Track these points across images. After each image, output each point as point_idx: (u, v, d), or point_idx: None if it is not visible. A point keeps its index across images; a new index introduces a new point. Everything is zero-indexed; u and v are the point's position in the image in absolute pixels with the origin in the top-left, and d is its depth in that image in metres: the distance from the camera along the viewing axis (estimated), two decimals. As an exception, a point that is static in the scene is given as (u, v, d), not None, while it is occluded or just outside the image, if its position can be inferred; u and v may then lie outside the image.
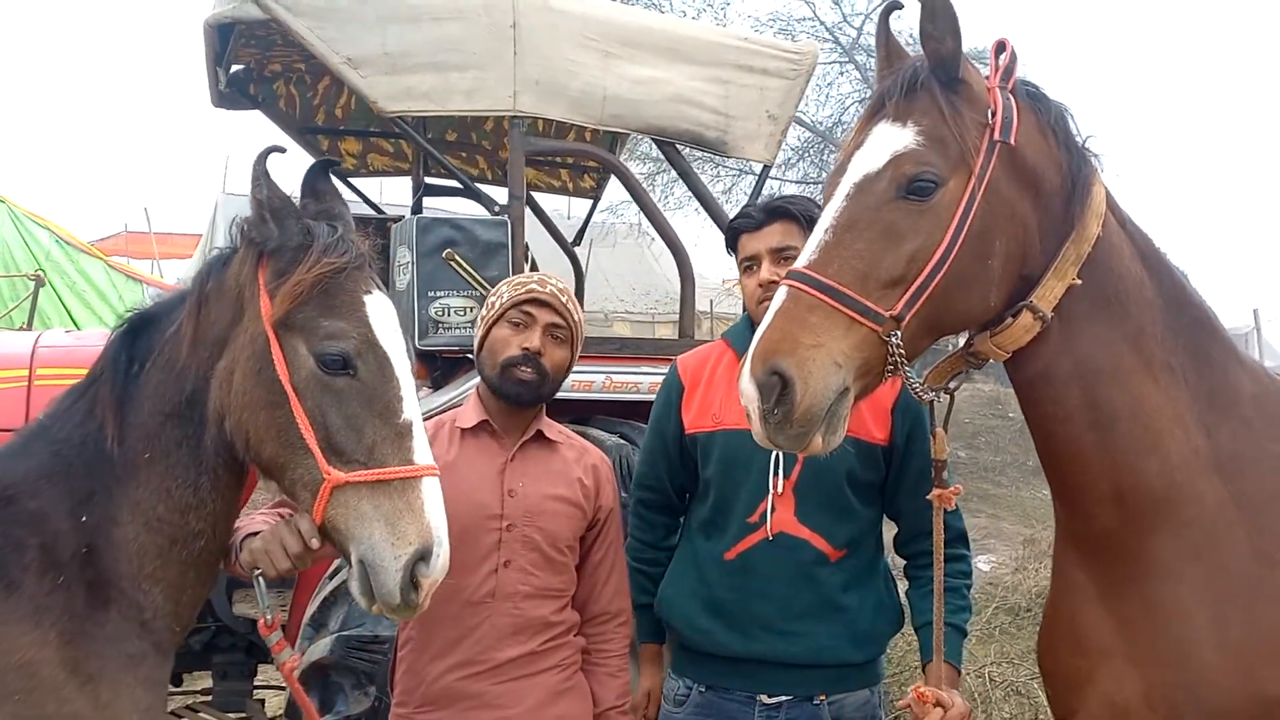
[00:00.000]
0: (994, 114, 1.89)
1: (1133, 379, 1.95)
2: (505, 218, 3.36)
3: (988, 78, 1.95)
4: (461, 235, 3.29)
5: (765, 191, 4.02)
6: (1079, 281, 1.92)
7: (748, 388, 1.80)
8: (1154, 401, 1.95)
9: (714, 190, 17.59)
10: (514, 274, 3.33)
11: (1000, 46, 1.95)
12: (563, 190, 5.42)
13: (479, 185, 4.80)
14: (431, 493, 1.85)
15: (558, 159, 5.11)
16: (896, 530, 2.55)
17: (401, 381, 1.90)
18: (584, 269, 5.42)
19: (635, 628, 2.58)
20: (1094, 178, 1.97)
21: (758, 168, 4.01)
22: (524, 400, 2.38)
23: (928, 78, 1.90)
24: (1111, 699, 2.03)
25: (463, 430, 2.41)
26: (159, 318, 1.96)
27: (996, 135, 1.87)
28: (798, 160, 18.23)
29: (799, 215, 2.40)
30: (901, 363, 1.82)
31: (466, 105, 3.35)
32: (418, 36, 3.27)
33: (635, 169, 16.75)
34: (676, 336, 3.89)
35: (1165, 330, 1.99)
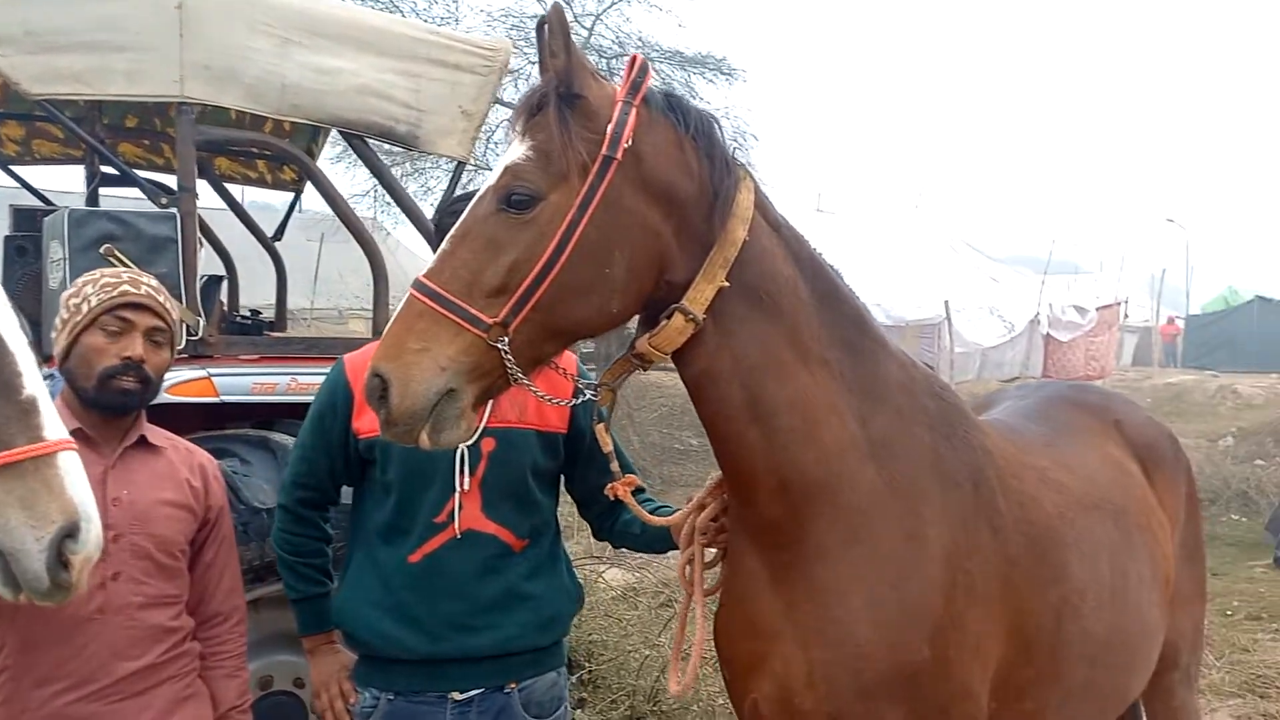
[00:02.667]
0: (609, 127, 1.94)
1: (790, 373, 2.06)
2: (174, 211, 3.16)
3: (620, 88, 1.99)
4: (123, 229, 3.06)
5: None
6: (728, 284, 2.00)
7: (365, 388, 1.89)
8: (811, 394, 2.06)
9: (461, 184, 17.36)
10: (185, 271, 3.14)
11: (632, 62, 2.02)
12: (260, 182, 5.17)
13: (164, 175, 4.51)
14: (70, 467, 1.75)
15: (254, 149, 4.87)
16: (584, 505, 2.66)
17: (18, 357, 1.77)
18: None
19: (299, 621, 2.53)
20: (738, 185, 2.05)
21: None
22: (127, 410, 2.29)
23: (551, 94, 1.95)
24: (781, 680, 2.14)
25: None
26: None
27: (604, 150, 1.92)
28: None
29: None
30: (513, 367, 1.90)
31: (127, 89, 3.12)
32: (69, 14, 3.02)
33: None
34: (370, 335, 3.79)
35: (820, 326, 2.10)
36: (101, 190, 4.38)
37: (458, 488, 2.35)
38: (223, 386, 3.03)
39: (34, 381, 1.78)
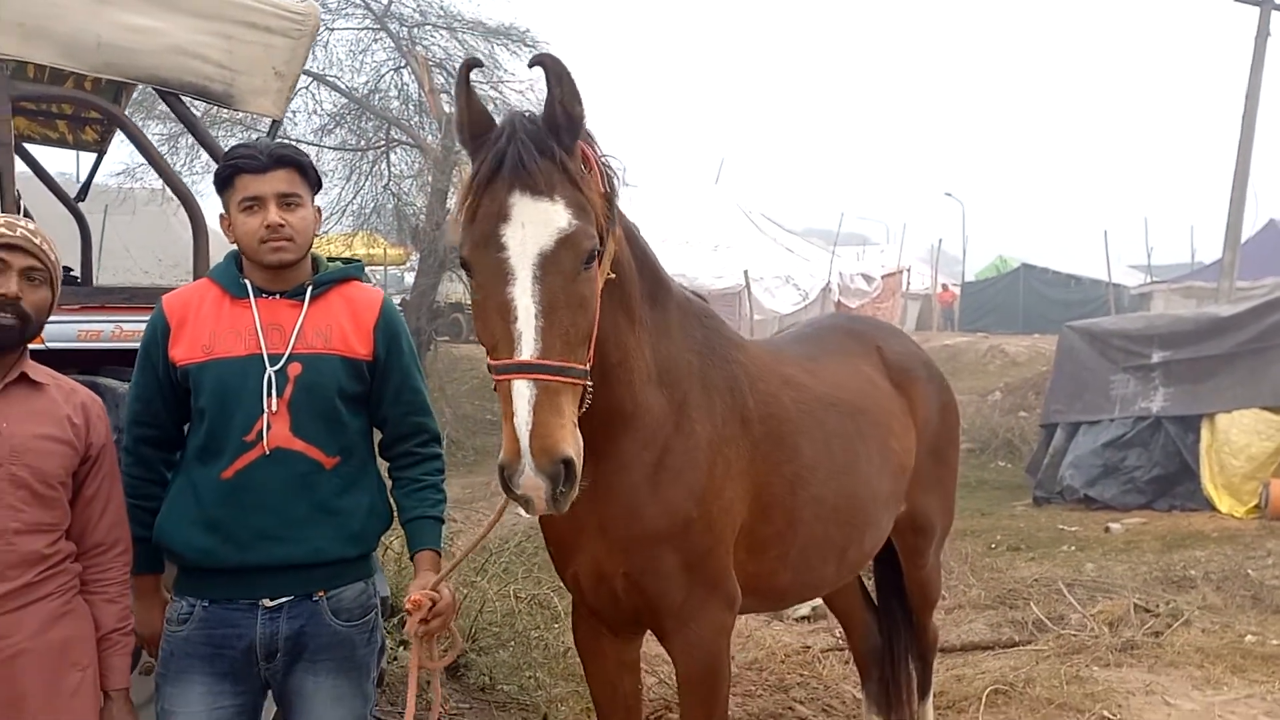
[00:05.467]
0: (594, 170, 2.20)
1: (623, 337, 2.50)
2: (-12, 167, 3.21)
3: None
4: (-65, 183, 3.10)
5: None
6: (614, 276, 2.36)
7: (535, 481, 2.06)
8: (633, 348, 2.53)
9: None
10: (3, 224, 3.19)
11: None
12: (61, 143, 5.10)
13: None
14: None
15: (53, 108, 4.82)
16: (381, 436, 2.79)
17: None
18: (100, 236, 5.17)
19: (133, 560, 2.63)
20: (616, 189, 2.39)
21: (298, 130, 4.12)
22: (6, 346, 2.39)
23: (553, 146, 2.13)
24: (591, 555, 2.69)
25: None
26: None
27: (603, 189, 2.21)
28: (335, 127, 17.96)
29: (306, 166, 2.59)
30: (589, 395, 2.18)
31: (-63, 44, 3.14)
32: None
33: (156, 129, 15.55)
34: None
35: (638, 288, 2.55)
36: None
37: (265, 409, 2.48)
38: (49, 334, 3.11)
39: None
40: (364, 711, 2.67)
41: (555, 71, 2.10)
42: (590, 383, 2.18)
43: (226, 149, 2.72)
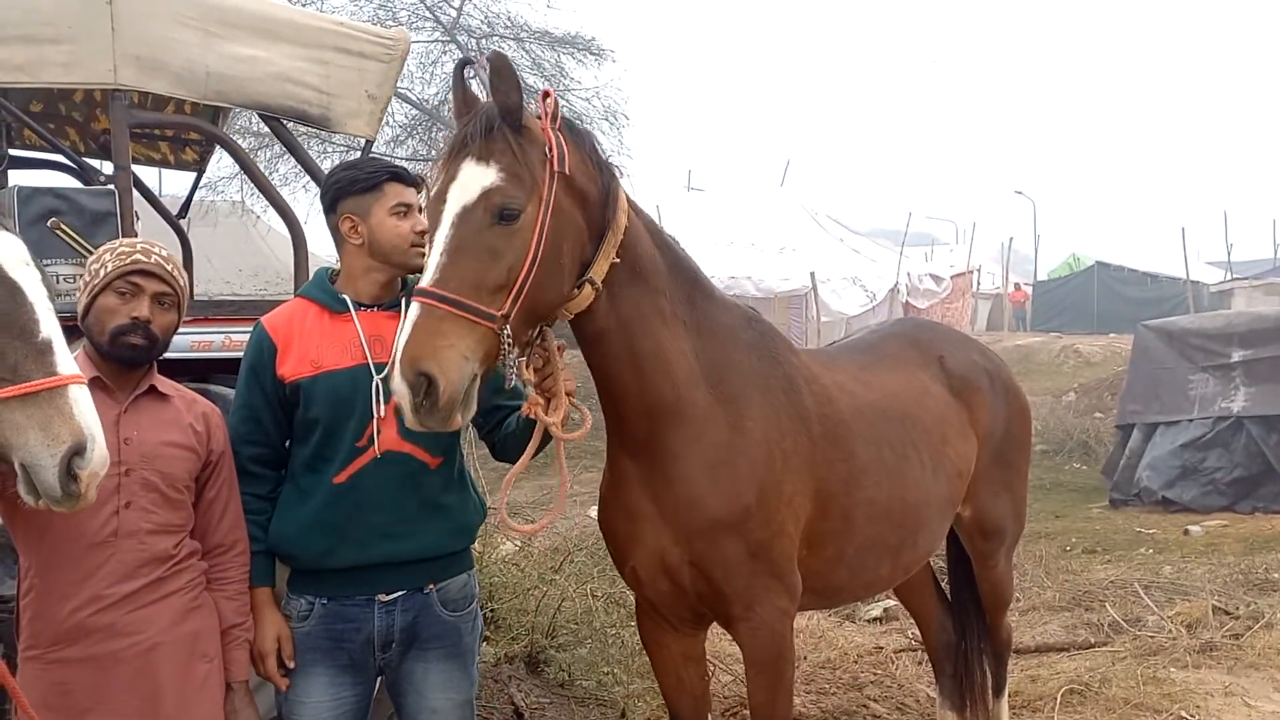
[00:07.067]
0: (551, 150, 2.43)
1: (653, 328, 2.70)
2: (111, 187, 3.45)
3: (541, 119, 2.48)
4: (66, 205, 3.35)
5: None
6: (619, 260, 2.59)
7: (399, 387, 2.26)
8: (667, 343, 2.72)
9: (323, 166, 17.28)
10: (123, 242, 3.43)
11: (545, 95, 2.52)
12: (163, 163, 5.40)
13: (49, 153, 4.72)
14: (79, 397, 2.08)
15: (156, 131, 5.10)
16: (482, 419, 2.91)
17: (36, 305, 2.11)
18: (171, 249, 5.43)
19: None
20: (617, 184, 2.64)
21: (361, 142, 4.33)
22: (136, 363, 2.57)
23: (500, 125, 2.40)
24: (652, 546, 2.86)
25: None
26: None
27: (555, 167, 2.43)
28: (406, 137, 18.41)
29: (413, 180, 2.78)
30: (509, 348, 2.35)
31: (64, 77, 3.39)
32: (7, 9, 3.27)
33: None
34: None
35: (671, 288, 2.76)
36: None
37: (375, 414, 2.63)
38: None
39: (49, 326, 2.12)
40: (470, 694, 2.85)
41: (495, 68, 2.38)
42: (507, 332, 2.33)
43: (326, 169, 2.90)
